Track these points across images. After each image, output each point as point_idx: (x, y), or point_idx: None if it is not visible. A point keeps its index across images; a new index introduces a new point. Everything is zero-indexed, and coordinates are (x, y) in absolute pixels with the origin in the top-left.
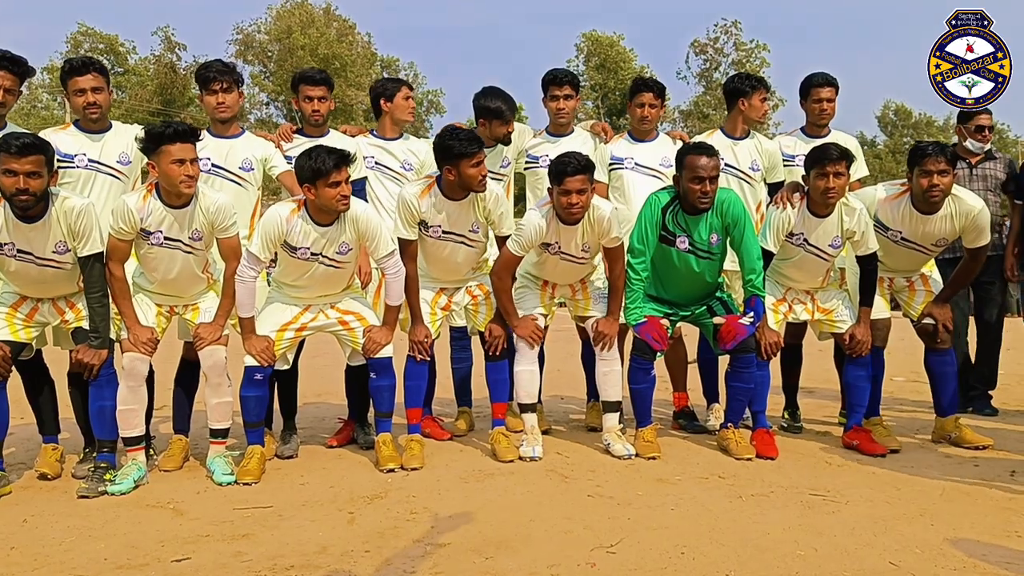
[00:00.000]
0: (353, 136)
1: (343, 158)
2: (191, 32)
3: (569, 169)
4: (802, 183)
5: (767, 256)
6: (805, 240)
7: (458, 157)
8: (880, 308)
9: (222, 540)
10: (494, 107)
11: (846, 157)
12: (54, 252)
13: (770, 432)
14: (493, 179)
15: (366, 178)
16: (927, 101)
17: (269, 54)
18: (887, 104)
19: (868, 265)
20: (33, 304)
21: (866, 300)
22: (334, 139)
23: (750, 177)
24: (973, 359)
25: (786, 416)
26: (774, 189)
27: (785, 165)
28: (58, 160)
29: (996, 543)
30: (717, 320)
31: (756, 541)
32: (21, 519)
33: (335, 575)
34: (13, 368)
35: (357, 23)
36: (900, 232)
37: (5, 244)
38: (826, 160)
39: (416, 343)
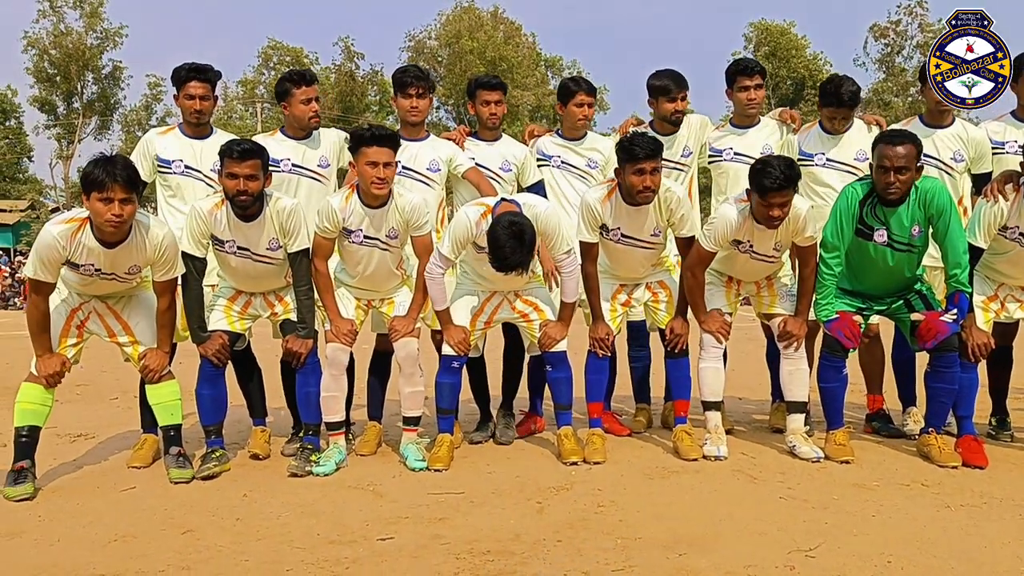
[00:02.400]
0: (539, 136)
1: None
2: (368, 41)
3: (775, 184)
4: (1017, 171)
5: (976, 253)
6: (1022, 234)
7: (628, 161)
8: None
9: (420, 522)
10: (660, 84)
11: None
12: (267, 248)
13: (978, 439)
14: (674, 169)
15: (542, 181)
16: None
17: (439, 59)
18: None
19: None
20: (247, 298)
21: None
22: (507, 142)
23: (951, 168)
24: None
25: (993, 423)
26: (982, 181)
27: (993, 153)
28: None
29: None
30: (916, 316)
31: (972, 554)
32: (242, 493)
33: (529, 562)
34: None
35: (522, 24)
36: None
37: (227, 241)
38: None
39: (597, 340)
